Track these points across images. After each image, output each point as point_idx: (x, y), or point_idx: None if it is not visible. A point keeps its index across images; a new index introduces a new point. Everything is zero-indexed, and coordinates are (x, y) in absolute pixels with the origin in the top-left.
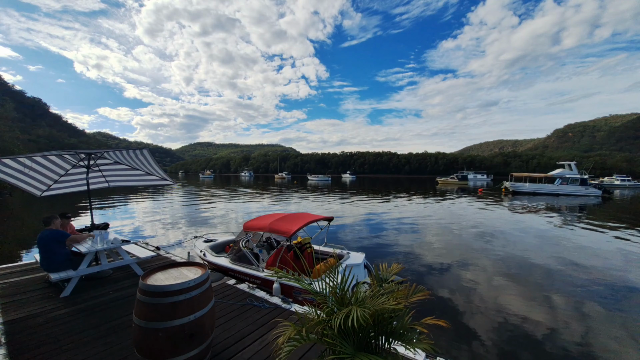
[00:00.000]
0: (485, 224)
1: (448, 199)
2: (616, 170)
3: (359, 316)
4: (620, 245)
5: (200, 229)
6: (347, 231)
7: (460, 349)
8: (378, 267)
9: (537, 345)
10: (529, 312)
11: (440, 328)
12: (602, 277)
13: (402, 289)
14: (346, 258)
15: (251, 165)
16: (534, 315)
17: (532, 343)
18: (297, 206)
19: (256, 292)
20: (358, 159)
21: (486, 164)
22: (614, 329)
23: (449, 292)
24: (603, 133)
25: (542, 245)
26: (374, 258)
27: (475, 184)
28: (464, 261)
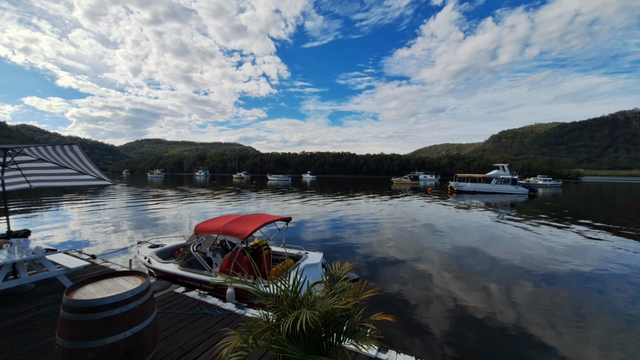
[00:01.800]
0: (434, 220)
1: (402, 198)
2: (539, 172)
3: (308, 319)
4: (542, 237)
5: (146, 234)
6: (306, 231)
7: (412, 339)
8: (331, 267)
9: (479, 327)
10: (471, 299)
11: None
12: (530, 265)
13: (353, 287)
14: (304, 258)
15: (207, 165)
16: (476, 301)
17: (475, 326)
18: (256, 207)
19: (208, 299)
20: (318, 159)
21: (435, 165)
22: (539, 309)
23: (402, 286)
24: (530, 139)
25: (482, 238)
26: (332, 257)
27: (426, 184)
28: (415, 256)
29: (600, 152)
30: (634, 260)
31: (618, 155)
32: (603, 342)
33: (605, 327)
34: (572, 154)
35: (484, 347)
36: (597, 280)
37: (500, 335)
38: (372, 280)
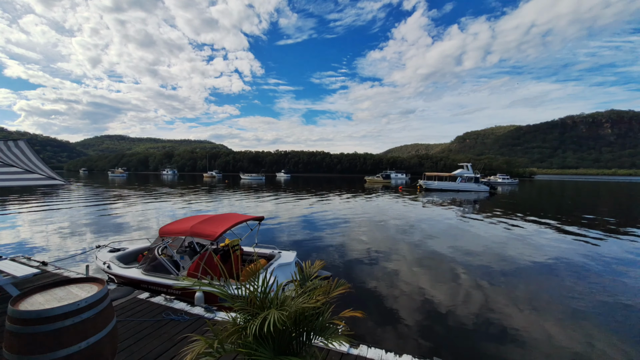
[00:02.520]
0: (405, 217)
1: (374, 196)
2: (499, 171)
3: (276, 319)
4: (501, 231)
5: (106, 237)
6: (280, 230)
7: (384, 332)
8: (301, 266)
9: (446, 317)
10: (439, 291)
11: (366, 315)
12: (490, 257)
13: (324, 285)
14: (277, 258)
15: (175, 163)
16: (443, 293)
17: (442, 316)
18: (228, 207)
19: (174, 304)
20: (292, 158)
21: (405, 164)
22: (500, 296)
23: (375, 281)
24: (490, 140)
25: (448, 234)
26: (306, 256)
27: (397, 182)
28: (387, 252)
29: (551, 152)
30: (579, 251)
31: (566, 155)
32: (556, 324)
33: (557, 311)
34: (527, 154)
35: (451, 336)
36: (549, 269)
37: (465, 324)
38: (345, 277)
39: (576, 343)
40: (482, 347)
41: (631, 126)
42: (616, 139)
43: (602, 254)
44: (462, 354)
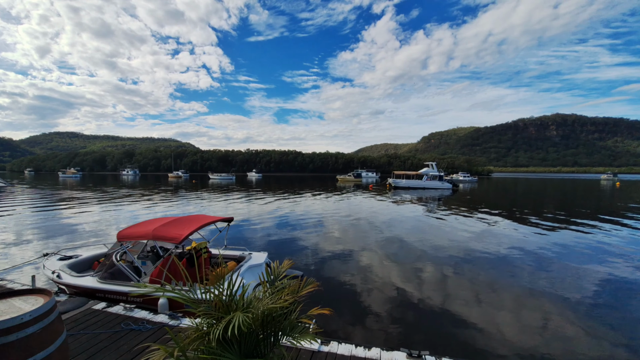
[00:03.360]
0: (375, 214)
1: (346, 194)
2: (460, 169)
3: (241, 322)
4: (463, 225)
5: (56, 244)
6: (252, 231)
7: (355, 327)
8: (269, 266)
9: (415, 309)
10: (407, 284)
11: (339, 312)
12: (454, 250)
13: (293, 284)
14: (248, 259)
15: (136, 163)
16: (411, 286)
17: (411, 308)
18: (196, 208)
19: (135, 313)
20: (264, 157)
21: (375, 163)
22: (464, 284)
23: (347, 278)
24: (453, 140)
25: (415, 229)
26: (279, 256)
27: (367, 181)
28: (359, 248)
29: (505, 152)
30: (530, 241)
31: (518, 155)
32: (512, 309)
33: (513, 297)
34: (485, 153)
35: (420, 325)
36: (506, 258)
37: (432, 313)
38: (317, 275)
39: (532, 321)
40: (449, 334)
41: (573, 128)
42: (561, 140)
43: (550, 242)
44: (430, 341)
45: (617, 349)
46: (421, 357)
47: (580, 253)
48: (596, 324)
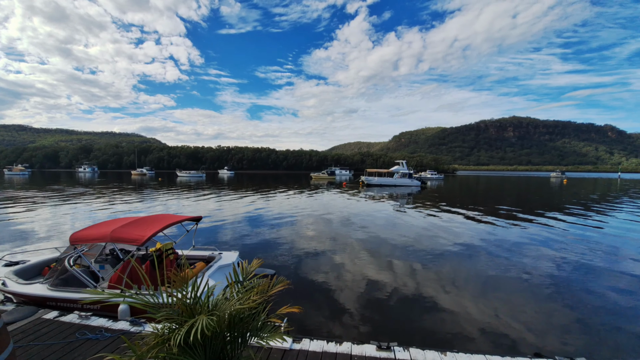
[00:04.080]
0: (349, 211)
1: (320, 192)
2: (428, 167)
3: (204, 326)
4: (432, 220)
5: (0, 249)
6: (223, 230)
7: (329, 323)
8: (237, 266)
9: (387, 302)
10: (379, 278)
11: (314, 309)
12: (423, 244)
13: (262, 284)
14: (217, 259)
15: (95, 159)
16: (383, 279)
17: (383, 301)
18: (162, 207)
19: (92, 321)
20: (236, 154)
21: (349, 161)
22: (431, 276)
23: (321, 274)
24: (422, 139)
25: (387, 225)
26: (251, 255)
27: (341, 178)
28: (332, 245)
29: (468, 151)
30: (490, 234)
31: (480, 154)
32: (475, 297)
33: (475, 286)
34: (450, 152)
35: (389, 317)
36: (468, 251)
37: (401, 305)
38: (291, 272)
39: (490, 309)
40: (417, 324)
41: (528, 130)
42: (517, 141)
43: (507, 234)
44: (399, 333)
45: (568, 326)
46: (390, 349)
47: (533, 243)
48: (548, 304)
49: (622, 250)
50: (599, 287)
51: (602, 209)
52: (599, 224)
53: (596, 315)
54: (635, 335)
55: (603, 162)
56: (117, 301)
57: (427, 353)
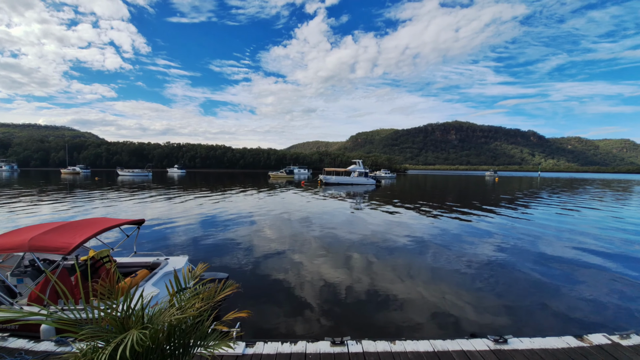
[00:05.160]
0: (307, 210)
1: (278, 191)
2: (382, 167)
3: (135, 341)
4: (386, 216)
5: None
6: (172, 234)
7: (288, 323)
8: (186, 272)
9: (343, 297)
10: (336, 275)
11: (269, 310)
12: (378, 239)
13: (208, 289)
14: (163, 265)
15: (14, 155)
16: (340, 276)
17: (341, 296)
18: (100, 210)
19: (10, 343)
20: (188, 152)
21: (307, 160)
22: (385, 271)
23: (280, 275)
24: (377, 140)
25: (344, 222)
26: (205, 259)
27: (300, 177)
28: (292, 244)
29: (418, 152)
30: (437, 228)
31: (428, 155)
32: (423, 286)
33: (424, 276)
34: (402, 153)
35: (347, 313)
36: (418, 244)
37: (358, 299)
38: (249, 274)
39: (435, 297)
40: (370, 317)
41: (468, 134)
42: (458, 143)
43: (450, 228)
44: (354, 327)
45: (499, 307)
46: (344, 343)
47: (471, 235)
48: (483, 290)
49: (543, 238)
50: (525, 272)
51: (526, 203)
52: (524, 216)
53: (523, 297)
54: (553, 312)
55: (527, 163)
56: (33, 320)
57: (378, 344)
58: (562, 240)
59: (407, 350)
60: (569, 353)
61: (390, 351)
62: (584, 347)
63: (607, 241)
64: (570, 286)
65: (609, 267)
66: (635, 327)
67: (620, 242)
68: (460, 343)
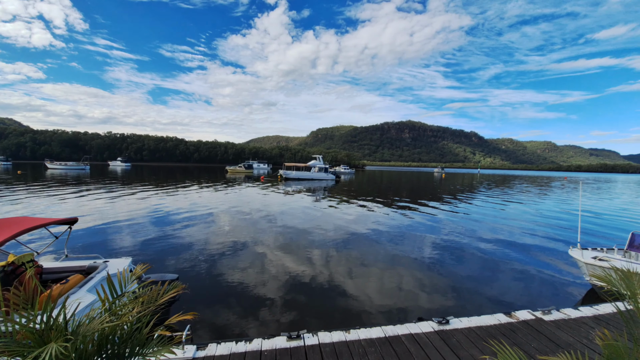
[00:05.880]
0: (267, 205)
1: (237, 186)
2: (342, 162)
3: (55, 355)
4: (345, 210)
5: None
6: (115, 234)
7: (243, 321)
8: (114, 276)
9: (304, 290)
10: (298, 269)
11: (226, 309)
12: (338, 233)
13: (149, 292)
14: (101, 269)
15: None
16: (299, 270)
17: (298, 291)
18: (24, 209)
19: None
20: (134, 143)
21: (267, 155)
22: (342, 263)
23: (238, 272)
24: (337, 136)
25: (305, 217)
26: (153, 261)
27: (259, 172)
28: (251, 241)
29: (375, 149)
30: (392, 220)
31: (384, 152)
32: (377, 276)
33: (377, 267)
34: (360, 149)
35: (304, 307)
36: (373, 235)
37: (315, 293)
38: (203, 274)
39: (387, 286)
40: (328, 309)
41: (419, 133)
42: (411, 141)
43: (403, 220)
44: (314, 318)
45: (444, 292)
46: (300, 337)
47: (421, 228)
48: (429, 277)
49: (480, 229)
50: (465, 259)
51: (468, 197)
52: (465, 210)
53: (463, 282)
54: (486, 295)
55: (469, 161)
56: None
57: (334, 334)
58: (495, 232)
59: (360, 338)
60: (500, 329)
61: (345, 340)
62: (512, 323)
63: (529, 231)
64: (502, 271)
65: (533, 253)
66: (556, 304)
67: (540, 232)
68: (408, 327)
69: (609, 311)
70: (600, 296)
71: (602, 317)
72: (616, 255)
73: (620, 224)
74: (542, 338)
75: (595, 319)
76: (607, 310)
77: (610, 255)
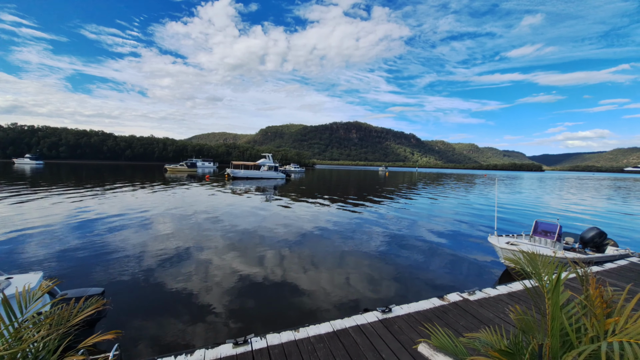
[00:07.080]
0: (214, 206)
1: (178, 186)
2: (292, 161)
3: None
4: (296, 209)
5: None
6: (23, 245)
7: (186, 333)
8: (11, 296)
9: (249, 294)
10: (249, 271)
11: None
12: (289, 233)
13: (60, 312)
14: (2, 287)
15: None
16: (247, 273)
17: (245, 295)
18: None
19: None
20: (47, 137)
21: (213, 152)
22: (292, 262)
23: (177, 281)
24: (287, 135)
25: (255, 218)
26: (72, 275)
27: (204, 171)
28: (197, 245)
29: (324, 148)
30: (340, 217)
31: (333, 151)
32: (325, 272)
33: (325, 264)
34: (310, 148)
35: (253, 311)
36: (323, 233)
37: (265, 295)
38: (138, 285)
39: (335, 282)
40: (277, 310)
41: (366, 133)
42: (358, 141)
43: (351, 216)
44: (264, 321)
45: (387, 283)
46: (247, 342)
47: (366, 223)
48: (373, 270)
49: (418, 221)
50: (406, 249)
51: (408, 193)
52: (405, 205)
53: (405, 271)
54: (424, 281)
55: (409, 160)
56: None
57: (283, 335)
58: (430, 223)
59: (309, 335)
60: (434, 312)
61: (294, 339)
62: (445, 305)
63: (457, 221)
64: (437, 257)
65: (461, 240)
66: (479, 285)
67: (466, 222)
68: (355, 319)
69: (520, 288)
70: (513, 276)
71: (515, 294)
72: (524, 240)
73: (527, 214)
74: (469, 316)
75: (509, 296)
76: (519, 287)
77: (519, 240)
